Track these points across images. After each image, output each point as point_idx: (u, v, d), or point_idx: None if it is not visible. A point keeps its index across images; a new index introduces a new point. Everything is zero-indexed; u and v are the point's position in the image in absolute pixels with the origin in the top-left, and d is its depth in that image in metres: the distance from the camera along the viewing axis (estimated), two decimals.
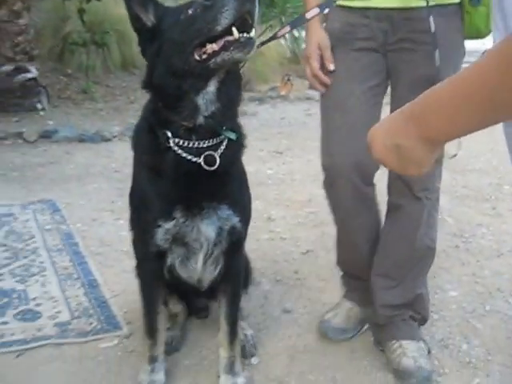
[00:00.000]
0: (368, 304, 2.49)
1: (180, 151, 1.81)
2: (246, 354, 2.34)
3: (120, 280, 2.96)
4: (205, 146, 1.82)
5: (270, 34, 2.07)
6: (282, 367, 2.34)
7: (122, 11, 7.83)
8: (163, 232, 1.88)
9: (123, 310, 2.69)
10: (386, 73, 2.26)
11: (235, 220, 1.94)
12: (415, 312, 2.42)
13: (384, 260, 2.38)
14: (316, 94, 2.42)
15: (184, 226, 1.87)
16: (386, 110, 1.86)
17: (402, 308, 2.38)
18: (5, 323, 2.49)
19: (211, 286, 2.19)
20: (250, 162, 5.04)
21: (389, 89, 2.31)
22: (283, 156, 5.52)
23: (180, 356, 2.38)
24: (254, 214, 2.52)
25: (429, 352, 2.37)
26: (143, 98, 1.95)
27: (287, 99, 8.18)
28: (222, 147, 1.86)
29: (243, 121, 2.09)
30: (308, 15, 2.06)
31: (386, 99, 2.31)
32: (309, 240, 3.56)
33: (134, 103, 7.31)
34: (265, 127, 6.65)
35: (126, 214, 3.69)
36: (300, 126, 6.76)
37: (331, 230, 2.65)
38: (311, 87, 2.41)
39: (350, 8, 2.22)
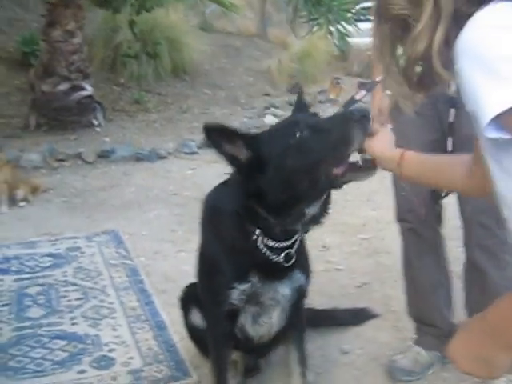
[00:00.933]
0: (437, 349, 2.71)
1: (265, 250, 2.01)
2: None
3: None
4: (285, 244, 2.03)
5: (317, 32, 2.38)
6: None
7: (171, 18, 8.11)
8: (238, 293, 2.10)
9: (190, 353, 2.90)
10: (442, 129, 2.48)
11: (303, 279, 2.21)
12: None
13: (469, 303, 2.63)
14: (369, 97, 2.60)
15: (260, 287, 2.10)
16: None
17: None
18: (82, 372, 2.75)
19: (267, 342, 2.41)
20: None
21: None
22: None
23: None
24: (309, 243, 2.79)
25: None
26: (195, 106, 2.15)
27: (337, 103, 8.29)
28: (298, 242, 2.08)
29: None
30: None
31: None
32: (364, 271, 3.74)
33: (187, 112, 7.57)
34: None
35: (187, 244, 3.98)
36: None
37: (385, 260, 2.84)
38: None
39: None
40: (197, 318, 2.56)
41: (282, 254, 2.03)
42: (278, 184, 1.86)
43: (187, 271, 3.64)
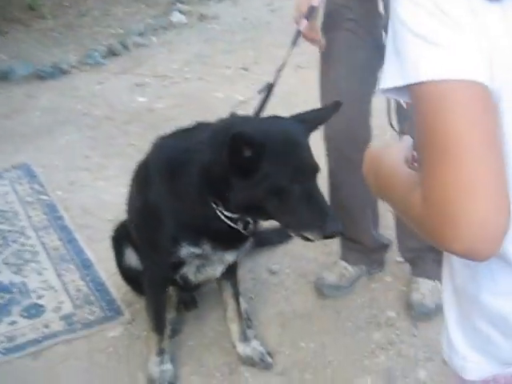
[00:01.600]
0: (362, 263, 2.89)
1: (226, 220, 2.07)
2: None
3: (112, 256, 3.22)
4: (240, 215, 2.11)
5: None
6: (274, 337, 2.69)
7: None
8: (187, 252, 2.18)
9: (121, 291, 2.95)
10: (379, 48, 2.48)
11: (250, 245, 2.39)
12: (436, 254, 2.79)
13: None
14: None
15: (210, 253, 2.19)
16: None
17: (423, 250, 2.75)
18: (13, 323, 2.77)
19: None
20: (218, 84, 5.20)
21: None
22: (250, 73, 5.60)
23: (182, 337, 2.71)
24: None
25: None
26: (95, 7, 2.08)
27: None
28: None
29: (205, 26, 2.31)
30: None
31: None
32: None
33: (87, 16, 7.20)
34: (228, 34, 6.63)
35: (104, 171, 3.92)
36: (264, 29, 6.74)
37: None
38: None
39: None
40: (132, 258, 2.62)
41: (240, 223, 2.11)
42: (249, 198, 1.97)
43: (107, 202, 3.65)
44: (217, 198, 2.05)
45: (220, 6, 7.60)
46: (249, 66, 5.77)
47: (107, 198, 3.75)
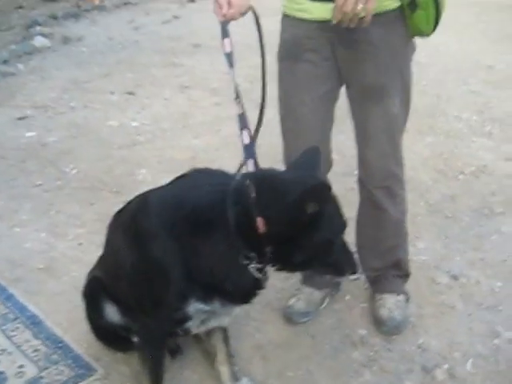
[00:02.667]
0: (326, 286, 3.01)
1: (254, 271, 2.04)
2: None
3: (57, 306, 3.09)
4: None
5: None
6: (260, 370, 2.72)
7: None
8: (195, 309, 2.12)
9: (83, 345, 2.83)
10: (339, 78, 2.61)
11: None
12: (398, 270, 3.00)
13: (362, 237, 2.94)
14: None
15: (219, 309, 2.16)
16: None
17: (386, 268, 2.95)
18: None
19: None
20: (107, 112, 5.12)
21: None
22: (138, 97, 5.56)
23: None
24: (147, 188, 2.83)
25: (407, 301, 3.00)
26: None
27: (105, 9, 7.91)
28: None
29: (71, 49, 2.26)
30: None
31: None
32: None
33: None
34: (98, 56, 6.50)
35: (15, 216, 3.74)
36: (134, 48, 6.70)
37: None
38: None
39: (295, 19, 2.52)
40: (112, 314, 2.52)
41: (262, 273, 2.08)
42: (302, 251, 1.98)
43: (31, 250, 3.54)
44: (252, 251, 2.00)
45: (80, 26, 7.44)
46: (133, 89, 5.72)
47: (29, 245, 3.60)
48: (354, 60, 2.51)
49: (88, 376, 2.69)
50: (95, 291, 2.56)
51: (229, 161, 4.32)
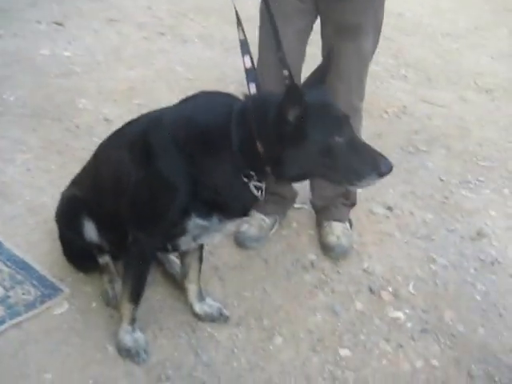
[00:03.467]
0: (276, 213, 3.24)
1: (253, 189, 2.18)
2: None
3: (14, 230, 3.13)
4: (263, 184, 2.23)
5: None
6: (219, 290, 2.94)
7: None
8: (194, 224, 2.26)
9: (45, 266, 2.91)
10: (315, 15, 2.80)
11: None
12: (346, 199, 3.23)
13: None
14: None
15: (216, 225, 2.29)
16: None
17: (334, 198, 3.18)
18: None
19: None
20: (37, 41, 5.02)
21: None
22: (67, 28, 5.47)
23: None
24: (89, 117, 3.02)
25: (351, 226, 3.27)
26: None
27: None
28: None
29: None
30: None
31: None
32: None
33: None
34: None
35: None
36: None
37: None
38: None
39: None
40: (90, 231, 2.64)
41: (260, 192, 2.22)
42: (301, 162, 2.07)
43: None
44: (252, 170, 2.15)
45: None
46: (61, 20, 5.62)
47: None
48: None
49: (55, 295, 2.78)
50: (75, 209, 2.65)
51: (166, 93, 4.44)
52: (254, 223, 3.21)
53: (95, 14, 5.89)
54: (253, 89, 2.38)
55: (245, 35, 2.47)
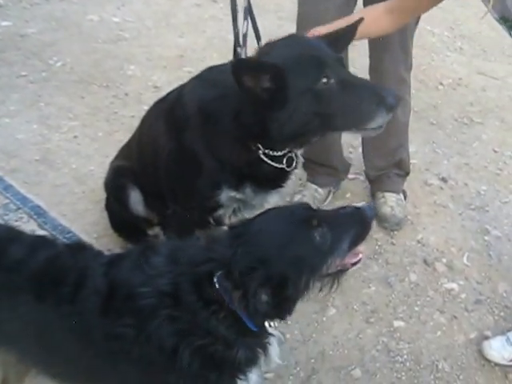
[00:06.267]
0: (330, 185, 3.23)
1: (266, 159, 2.08)
2: None
3: (60, 198, 3.17)
4: (285, 151, 2.11)
5: None
6: None
7: None
8: (227, 196, 2.19)
9: (92, 236, 2.95)
10: None
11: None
12: (399, 170, 3.22)
13: (368, 137, 2.98)
14: None
15: (251, 196, 2.22)
16: None
17: (389, 167, 3.16)
18: None
19: None
20: (85, 5, 5.05)
21: None
22: None
23: None
24: (138, 84, 3.09)
25: (405, 197, 3.25)
26: None
27: None
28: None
29: None
30: None
31: None
32: None
33: None
34: None
35: (3, 108, 3.74)
36: None
37: None
38: None
39: None
40: (137, 203, 2.61)
41: (284, 160, 2.11)
42: (292, 121, 1.91)
43: (24, 141, 3.59)
44: (257, 140, 2.04)
45: None
46: None
47: (22, 137, 3.64)
48: None
49: None
50: (121, 180, 2.63)
51: (217, 62, 4.40)
52: (306, 194, 3.21)
53: None
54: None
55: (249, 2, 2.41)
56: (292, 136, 1.97)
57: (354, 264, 1.81)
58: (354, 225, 1.75)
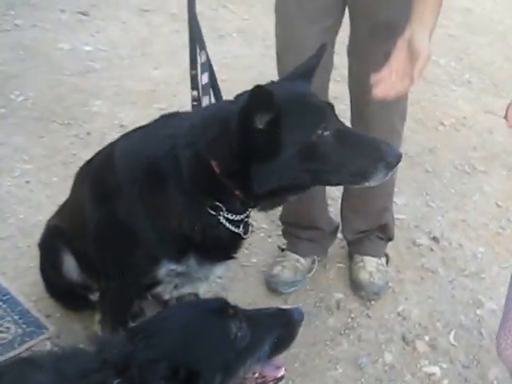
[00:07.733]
0: (312, 253, 2.92)
1: (227, 224, 1.85)
2: None
3: (2, 253, 2.93)
4: (243, 216, 1.89)
5: None
6: None
7: None
8: (167, 271, 1.96)
9: (32, 298, 2.70)
10: (342, 13, 2.46)
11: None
12: (381, 232, 2.91)
13: (350, 199, 2.81)
14: None
15: (195, 268, 1.98)
16: None
17: (370, 230, 2.86)
18: None
19: None
20: (57, 33, 4.81)
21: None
22: (92, 19, 5.25)
23: None
24: (103, 122, 2.83)
25: (387, 261, 2.95)
26: None
27: None
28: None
29: None
30: None
31: None
32: None
33: None
34: None
35: None
36: None
37: None
38: None
39: None
40: (71, 269, 2.40)
41: (241, 226, 1.90)
42: (279, 174, 1.71)
43: None
44: (219, 200, 1.82)
45: None
46: (86, 9, 5.40)
47: None
48: None
49: (37, 334, 2.56)
50: (54, 242, 2.41)
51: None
52: (287, 265, 2.89)
53: (126, 2, 5.64)
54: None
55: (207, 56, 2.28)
56: (274, 192, 1.78)
57: (277, 380, 1.64)
58: (278, 327, 1.63)
